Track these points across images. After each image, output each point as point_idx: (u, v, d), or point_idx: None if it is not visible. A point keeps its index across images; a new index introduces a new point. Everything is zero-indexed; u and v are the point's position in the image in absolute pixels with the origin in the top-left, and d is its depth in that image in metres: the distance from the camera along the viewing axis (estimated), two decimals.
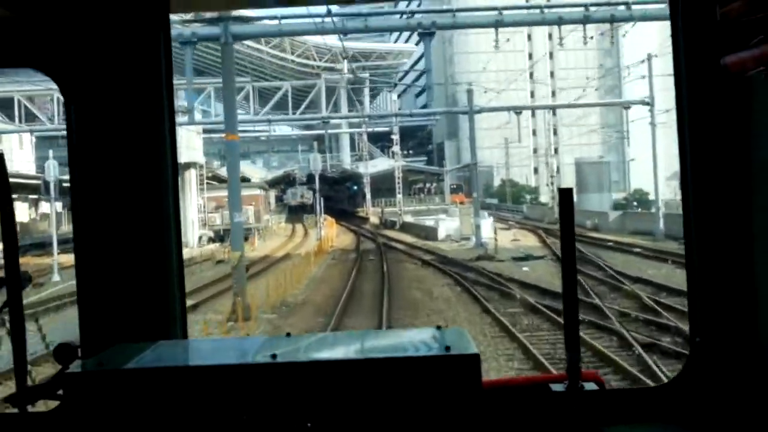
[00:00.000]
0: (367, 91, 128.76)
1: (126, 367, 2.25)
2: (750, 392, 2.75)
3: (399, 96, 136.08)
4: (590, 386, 2.63)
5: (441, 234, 60.03)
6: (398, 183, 78.43)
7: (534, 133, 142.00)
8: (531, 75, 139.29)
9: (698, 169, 2.84)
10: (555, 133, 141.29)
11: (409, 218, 79.10)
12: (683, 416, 2.82)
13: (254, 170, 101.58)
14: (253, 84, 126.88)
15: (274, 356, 2.24)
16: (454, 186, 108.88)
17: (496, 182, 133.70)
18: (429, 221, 72.12)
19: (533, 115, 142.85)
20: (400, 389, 2.17)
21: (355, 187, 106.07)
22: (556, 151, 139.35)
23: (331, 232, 67.09)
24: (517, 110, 57.81)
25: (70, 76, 2.94)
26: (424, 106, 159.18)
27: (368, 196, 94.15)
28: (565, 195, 2.60)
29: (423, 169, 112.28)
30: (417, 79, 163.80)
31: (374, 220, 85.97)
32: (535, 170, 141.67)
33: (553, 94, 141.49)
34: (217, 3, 5.67)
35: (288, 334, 2.60)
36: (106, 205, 2.94)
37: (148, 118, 2.97)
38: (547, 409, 2.68)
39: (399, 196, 78.46)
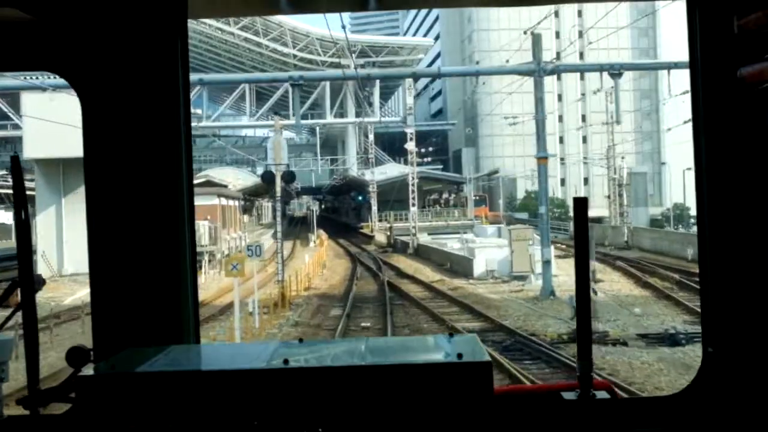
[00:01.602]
0: (377, 91, 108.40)
1: (138, 370, 2.13)
2: (762, 403, 2.64)
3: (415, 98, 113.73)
4: (602, 395, 2.45)
5: (478, 268, 36.34)
6: (412, 192, 54.91)
7: (561, 140, 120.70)
8: (559, 76, 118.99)
9: (714, 180, 2.72)
10: (585, 141, 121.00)
11: (425, 238, 55.93)
12: (695, 426, 2.71)
13: (237, 175, 78.64)
14: (248, 80, 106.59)
15: (286, 361, 2.11)
16: (477, 197, 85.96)
17: (520, 194, 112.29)
18: (452, 243, 49.11)
19: (560, 120, 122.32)
20: (411, 396, 2.05)
21: (360, 198, 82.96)
22: (585, 159, 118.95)
23: (315, 261, 43.50)
24: (615, 70, 34.13)
25: (88, 80, 2.84)
26: (439, 111, 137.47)
27: (374, 208, 71.40)
28: (579, 204, 2.41)
29: (441, 177, 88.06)
30: (432, 81, 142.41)
31: (380, 238, 62.95)
32: (562, 181, 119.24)
33: (583, 96, 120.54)
34: (234, 9, 5.02)
35: (300, 340, 2.43)
36: (121, 210, 2.82)
37: (164, 124, 2.83)
38: (558, 418, 2.53)
39: (413, 209, 54.93)
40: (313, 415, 2.05)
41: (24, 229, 2.48)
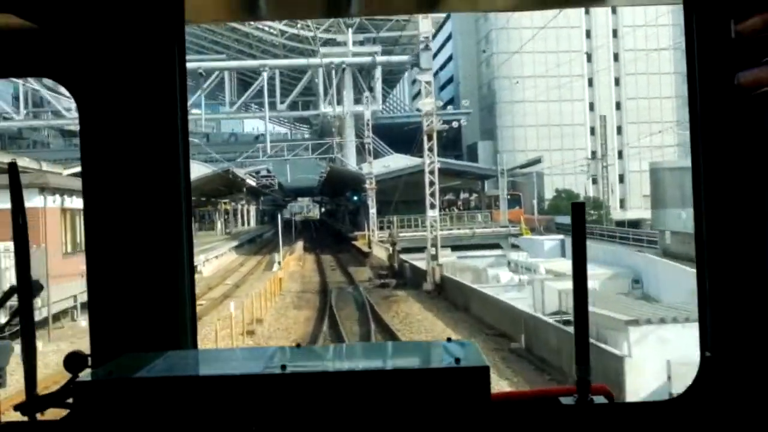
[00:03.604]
0: (379, 73, 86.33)
1: (136, 376, 2.09)
2: (760, 408, 2.59)
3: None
4: (599, 399, 2.39)
5: (646, 382, 12.91)
6: (431, 185, 31.85)
7: (592, 131, 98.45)
8: (589, 57, 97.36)
9: (711, 184, 2.65)
10: (619, 132, 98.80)
11: (448, 257, 33.15)
12: (692, 431, 2.64)
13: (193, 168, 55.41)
14: (229, 64, 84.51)
15: (283, 367, 2.05)
16: (510, 196, 62.73)
17: (548, 193, 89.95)
18: (496, 269, 26.45)
19: (591, 109, 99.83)
20: (409, 401, 2.00)
21: (355, 197, 59.80)
22: (620, 154, 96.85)
23: (248, 316, 20.35)
24: None
25: (85, 86, 2.79)
26: (450, 101, 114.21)
27: (372, 211, 48.36)
28: (577, 209, 2.38)
29: (463, 169, 64.35)
30: (442, 67, 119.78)
31: (380, 255, 40.52)
32: (594, 180, 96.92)
33: (617, 82, 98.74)
34: (231, 15, 5.00)
35: (298, 345, 2.37)
36: (118, 215, 2.76)
37: (162, 130, 2.79)
38: (556, 423, 2.47)
39: (433, 213, 32.01)
40: (311, 421, 2.00)
41: (21, 234, 2.44)
